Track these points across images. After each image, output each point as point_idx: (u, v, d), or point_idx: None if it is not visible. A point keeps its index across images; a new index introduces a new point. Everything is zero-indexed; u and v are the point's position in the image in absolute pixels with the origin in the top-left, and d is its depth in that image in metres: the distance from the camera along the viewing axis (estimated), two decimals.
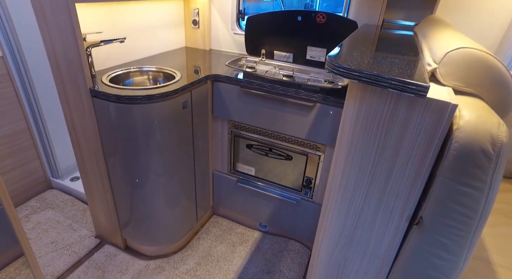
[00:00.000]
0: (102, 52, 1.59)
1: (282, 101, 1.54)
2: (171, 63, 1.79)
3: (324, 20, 1.74)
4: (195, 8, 2.04)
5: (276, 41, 1.90)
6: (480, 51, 0.72)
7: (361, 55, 0.89)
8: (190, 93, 1.54)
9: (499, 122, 0.67)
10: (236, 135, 1.83)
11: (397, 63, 0.83)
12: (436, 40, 0.91)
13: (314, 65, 1.86)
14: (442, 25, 1.18)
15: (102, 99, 1.36)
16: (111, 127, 1.42)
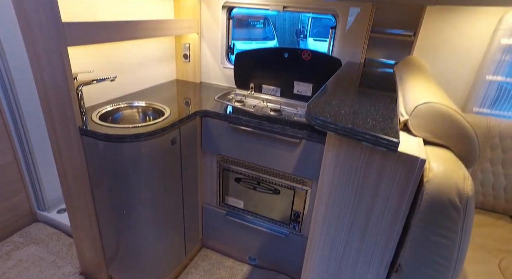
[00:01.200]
0: (93, 87, 1.63)
1: (269, 137, 1.58)
2: (161, 98, 1.83)
3: (310, 57, 1.82)
4: (186, 43, 2.12)
5: (264, 75, 1.97)
6: (445, 107, 0.77)
7: (339, 104, 0.94)
8: (178, 129, 1.58)
9: (465, 176, 0.70)
10: (225, 168, 1.85)
11: (372, 113, 0.88)
12: (409, 90, 0.97)
13: (301, 99, 1.93)
14: (417, 69, 1.25)
15: (91, 137, 1.38)
16: (99, 163, 1.43)
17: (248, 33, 7.09)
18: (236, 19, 6.49)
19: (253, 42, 6.96)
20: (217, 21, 2.02)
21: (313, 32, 7.56)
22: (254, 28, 7.21)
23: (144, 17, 1.83)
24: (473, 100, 1.60)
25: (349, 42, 1.78)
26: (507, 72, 1.51)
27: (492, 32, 1.48)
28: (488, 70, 1.51)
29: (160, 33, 1.76)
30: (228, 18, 2.02)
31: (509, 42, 1.45)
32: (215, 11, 1.99)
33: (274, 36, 7.32)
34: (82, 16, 1.48)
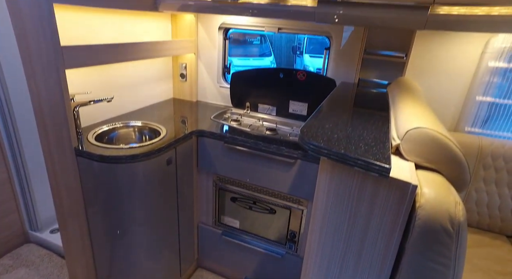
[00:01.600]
0: (89, 107, 1.64)
1: (265, 157, 1.59)
2: (158, 117, 1.85)
3: (305, 77, 1.85)
4: (182, 63, 2.15)
5: (260, 95, 2.00)
6: (435, 132, 0.79)
7: (332, 128, 0.95)
8: (174, 149, 1.58)
9: (456, 201, 0.71)
10: (220, 188, 1.84)
11: (365, 137, 0.90)
12: (401, 113, 0.99)
13: (296, 118, 1.95)
14: (409, 91, 1.28)
15: (87, 158, 1.38)
16: (94, 183, 1.43)
17: (245, 50, 7.19)
18: (233, 36, 6.60)
19: (250, 58, 7.05)
20: (214, 42, 2.06)
21: (309, 49, 7.69)
22: (251, 45, 7.31)
23: (143, 37, 1.87)
24: (465, 120, 1.63)
25: (343, 62, 1.82)
26: (496, 93, 1.54)
27: (480, 54, 1.53)
28: (478, 91, 1.55)
29: (158, 54, 1.80)
30: (224, 39, 2.07)
31: (496, 64, 1.49)
32: (212, 32, 2.04)
33: (270, 53, 7.43)
34: (81, 38, 1.51)
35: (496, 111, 1.58)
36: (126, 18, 1.73)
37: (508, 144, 1.51)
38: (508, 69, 1.49)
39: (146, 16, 1.85)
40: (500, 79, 1.52)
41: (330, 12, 1.37)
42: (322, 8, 1.37)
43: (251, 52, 7.29)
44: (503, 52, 1.47)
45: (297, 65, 8.44)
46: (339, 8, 1.35)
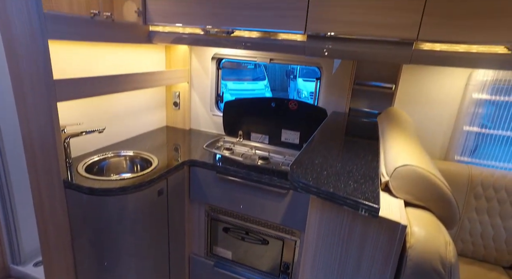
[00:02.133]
0: (81, 137, 1.63)
1: (257, 187, 1.58)
2: (150, 146, 1.84)
3: (296, 107, 1.88)
4: (176, 91, 2.18)
5: (252, 123, 2.01)
6: (423, 170, 0.80)
7: (322, 163, 0.96)
8: (166, 180, 1.57)
9: (446, 241, 0.71)
10: (213, 218, 1.81)
11: (354, 173, 0.90)
12: (390, 147, 1.00)
13: (289, 146, 1.96)
14: (398, 122, 1.30)
15: (75, 190, 1.36)
16: (82, 215, 1.40)
17: (239, 74, 7.31)
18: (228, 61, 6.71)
19: (244, 82, 7.16)
20: (207, 71, 2.10)
21: (302, 73, 7.87)
22: (245, 69, 7.45)
23: (138, 67, 1.90)
24: (454, 149, 1.65)
25: (334, 92, 1.86)
26: (481, 123, 1.58)
27: (464, 86, 1.58)
28: (464, 121, 1.59)
29: (152, 84, 1.82)
30: (217, 68, 2.11)
31: (480, 96, 1.54)
32: (205, 62, 2.09)
33: (264, 77, 7.56)
34: (76, 69, 1.52)
35: (483, 141, 1.61)
36: (122, 48, 1.76)
37: (496, 173, 1.52)
38: (491, 101, 1.54)
39: (141, 47, 1.90)
40: (485, 109, 1.57)
41: (319, 47, 1.41)
42: (312, 43, 1.42)
43: (245, 76, 7.41)
44: (485, 84, 1.52)
45: (291, 88, 8.59)
46: (328, 43, 1.40)
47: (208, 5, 1.51)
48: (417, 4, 1.21)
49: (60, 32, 1.24)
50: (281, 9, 1.39)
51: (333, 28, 1.35)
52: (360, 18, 1.29)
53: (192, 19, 1.57)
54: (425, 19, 1.21)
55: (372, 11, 1.27)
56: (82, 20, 1.31)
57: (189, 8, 1.55)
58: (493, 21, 1.12)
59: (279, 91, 9.81)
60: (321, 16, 1.35)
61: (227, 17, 1.49)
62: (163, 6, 1.61)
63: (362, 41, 1.35)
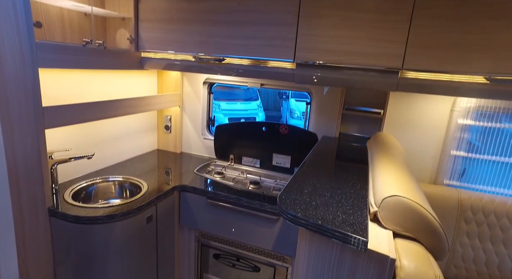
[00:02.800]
0: (70, 163, 1.61)
1: (248, 213, 1.56)
2: (141, 170, 1.82)
3: (287, 131, 1.90)
4: (167, 115, 2.18)
5: (243, 147, 2.02)
6: (411, 201, 0.80)
7: (311, 193, 0.96)
8: (155, 206, 1.54)
9: (436, 275, 0.70)
10: (203, 244, 1.77)
11: (343, 203, 0.90)
12: (379, 176, 1.01)
13: (280, 170, 1.96)
14: (387, 148, 1.32)
15: (61, 219, 1.32)
16: (67, 244, 1.35)
17: (232, 94, 7.38)
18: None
19: (237, 102, 7.21)
20: (199, 95, 2.12)
21: (295, 93, 7.99)
22: (238, 89, 7.54)
23: (130, 91, 1.91)
24: (443, 173, 1.67)
25: (324, 117, 1.88)
26: (468, 148, 1.61)
27: (449, 112, 1.62)
28: (451, 146, 1.62)
29: (143, 109, 1.82)
30: (209, 93, 2.13)
31: (465, 122, 1.58)
32: (197, 86, 2.11)
33: (257, 97, 7.64)
34: (67, 94, 1.52)
35: (471, 164, 1.64)
36: (114, 74, 1.78)
37: (485, 197, 1.54)
38: (475, 126, 1.58)
39: (134, 73, 1.92)
40: (471, 134, 1.60)
41: (308, 74, 1.45)
42: (301, 70, 1.45)
43: (238, 96, 7.47)
44: (469, 110, 1.57)
45: (284, 108, 8.68)
46: (317, 71, 1.43)
47: (199, 33, 1.55)
48: (401, 36, 1.26)
49: (51, 60, 1.25)
50: (270, 38, 1.43)
51: (321, 56, 1.39)
52: (347, 48, 1.34)
53: (183, 47, 1.61)
54: (409, 49, 1.26)
55: (359, 42, 1.32)
56: (73, 48, 1.33)
57: (180, 36, 1.59)
58: (472, 54, 1.17)
59: (272, 111, 9.91)
60: (309, 46, 1.39)
61: (218, 46, 1.53)
62: (155, 33, 1.64)
63: (350, 69, 1.39)
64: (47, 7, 1.40)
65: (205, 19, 1.53)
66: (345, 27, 1.32)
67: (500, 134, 1.56)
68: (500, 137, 1.56)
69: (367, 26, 1.29)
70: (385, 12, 1.26)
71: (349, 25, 1.32)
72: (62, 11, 1.48)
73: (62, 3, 1.37)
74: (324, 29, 1.35)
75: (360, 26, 1.30)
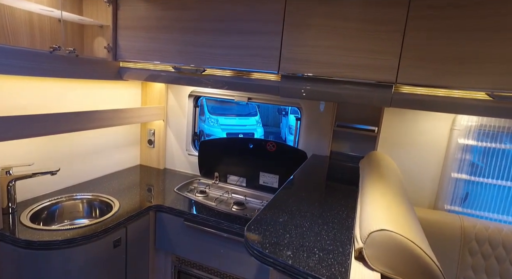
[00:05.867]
0: (36, 179, 1.47)
1: (229, 238, 1.41)
2: (116, 188, 1.68)
3: (275, 148, 1.77)
4: (151, 129, 2.06)
5: (229, 165, 1.88)
6: (402, 238, 0.66)
7: (287, 222, 0.82)
8: (125, 228, 1.39)
9: None
10: (180, 270, 1.61)
11: (323, 236, 0.76)
12: (367, 203, 0.87)
13: (267, 190, 1.81)
14: (380, 170, 1.18)
15: (10, 244, 1.17)
16: (17, 274, 1.19)
17: (231, 109, 7.32)
18: None
19: (236, 118, 7.14)
20: (184, 109, 2.01)
21: (294, 110, 7.92)
22: (237, 104, 7.49)
23: (113, 104, 1.80)
24: (443, 197, 1.52)
25: (315, 134, 1.76)
26: (470, 170, 1.47)
27: (449, 130, 1.49)
28: (452, 168, 1.48)
29: (123, 121, 1.70)
30: (194, 106, 2.02)
31: (466, 142, 1.45)
32: (182, 99, 2.00)
33: (256, 112, 7.58)
34: (39, 105, 1.41)
35: (474, 189, 1.49)
36: (95, 85, 1.67)
37: (491, 226, 1.38)
38: (477, 147, 1.45)
39: (117, 83, 1.81)
40: (472, 156, 1.46)
41: (295, 87, 1.33)
42: (287, 83, 1.34)
43: (237, 111, 7.42)
44: (470, 129, 1.44)
45: (283, 124, 8.60)
46: (305, 84, 1.32)
47: (179, 42, 1.45)
48: (395, 47, 1.15)
49: (6, 66, 1.13)
50: (253, 48, 1.32)
51: (309, 68, 1.27)
52: (337, 59, 1.23)
53: (163, 56, 1.50)
54: (403, 62, 1.15)
55: (350, 53, 1.20)
56: (36, 54, 1.22)
57: (160, 45, 1.49)
58: (472, 67, 1.06)
59: (271, 127, 9.84)
60: (295, 57, 1.28)
61: (198, 56, 1.42)
62: (134, 42, 1.54)
63: (341, 82, 1.27)
64: (12, 10, 1.31)
65: (186, 27, 1.43)
66: (335, 37, 1.22)
67: (505, 156, 1.43)
68: (506, 159, 1.43)
69: (358, 36, 1.19)
70: (378, 22, 1.15)
71: (339, 35, 1.21)
72: (31, 16, 1.38)
73: (27, 5, 1.27)
74: (312, 39, 1.25)
75: (350, 36, 1.20)
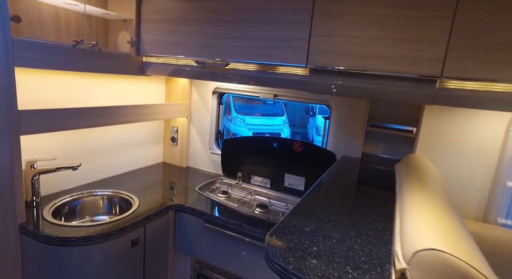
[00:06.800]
0: (59, 173, 1.47)
1: (251, 242, 1.32)
2: (137, 185, 1.65)
3: (301, 148, 1.66)
4: (174, 126, 2.03)
5: (253, 165, 1.79)
6: (458, 260, 0.54)
7: (313, 232, 0.71)
8: (143, 228, 1.35)
9: None
10: (199, 274, 1.55)
11: (356, 251, 0.65)
12: (408, 213, 0.74)
13: (293, 193, 1.70)
14: (421, 176, 1.04)
15: (31, 238, 1.16)
16: (38, 268, 1.18)
17: (258, 109, 7.27)
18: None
19: (263, 117, 7.09)
20: (207, 106, 1.95)
21: (322, 110, 7.71)
22: (264, 104, 7.42)
23: (137, 99, 1.78)
24: (496, 210, 1.33)
25: (345, 135, 1.63)
26: None
27: (504, 132, 1.30)
28: (508, 175, 1.29)
29: (145, 117, 1.67)
30: (218, 103, 1.96)
31: None
32: (206, 96, 1.94)
33: (283, 112, 7.48)
34: (62, 102, 1.41)
35: None
36: (119, 80, 1.65)
37: None
38: None
39: (141, 79, 1.79)
40: None
41: (325, 83, 1.22)
42: (315, 77, 1.23)
43: (264, 111, 7.37)
44: None
45: (310, 125, 8.42)
46: (335, 78, 1.20)
47: (202, 35, 1.38)
48: (441, 35, 1.00)
49: (31, 60, 1.12)
50: (279, 40, 1.23)
51: (341, 61, 1.16)
52: (373, 51, 1.10)
53: (185, 50, 1.44)
54: (451, 52, 1.00)
55: (388, 43, 1.07)
56: (60, 48, 1.20)
57: (183, 38, 1.43)
58: None
59: (298, 128, 9.67)
60: (325, 48, 1.17)
61: (221, 48, 1.35)
62: (156, 36, 1.50)
63: (377, 77, 1.14)
64: (38, 5, 1.30)
65: (209, 19, 1.36)
66: (370, 26, 1.09)
67: None
68: None
69: (397, 24, 1.05)
70: (421, 7, 1.02)
71: (375, 24, 1.08)
72: (57, 11, 1.38)
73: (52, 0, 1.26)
74: (345, 29, 1.13)
75: (389, 24, 1.06)
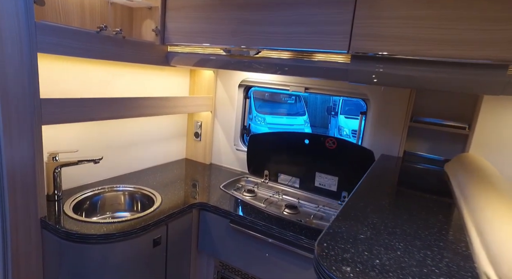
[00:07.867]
0: (82, 166, 1.41)
1: (279, 246, 1.21)
2: (160, 181, 1.58)
3: (335, 145, 1.53)
4: (198, 121, 1.95)
5: (281, 162, 1.68)
6: None
7: (371, 240, 0.59)
8: (166, 226, 1.27)
9: None
10: (223, 277, 1.45)
11: (430, 268, 0.52)
12: (488, 223, 0.61)
13: (324, 193, 1.58)
14: (486, 178, 0.89)
15: (52, 233, 1.11)
16: (59, 264, 1.12)
17: (279, 108, 7.16)
18: (268, 94, 6.61)
19: (284, 117, 6.98)
20: (233, 100, 1.86)
21: (344, 110, 7.48)
22: (285, 103, 7.30)
23: (160, 92, 1.72)
24: None
25: (384, 131, 1.48)
26: None
27: None
28: None
29: (167, 111, 1.60)
30: (244, 97, 1.86)
31: None
32: (231, 89, 1.85)
33: (305, 112, 7.33)
34: (82, 91, 1.35)
35: None
36: (142, 70, 1.59)
37: None
38: None
39: (165, 70, 1.72)
40: None
41: (367, 70, 1.09)
42: (357, 65, 1.10)
43: (285, 111, 7.27)
44: None
45: (332, 125, 8.21)
46: (378, 66, 1.07)
47: (231, 21, 1.28)
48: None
49: (54, 45, 1.06)
50: (317, 24, 1.10)
51: (387, 45, 1.02)
52: (428, 33, 0.96)
53: (213, 38, 1.34)
54: None
55: (446, 24, 0.93)
56: (83, 34, 1.14)
57: (210, 25, 1.34)
58: None
59: (319, 128, 9.46)
60: (371, 32, 1.03)
61: (252, 35, 1.24)
62: (182, 23, 1.41)
63: (428, 63, 1.00)
64: None
65: (239, 3, 1.25)
66: (426, 4, 0.95)
67: None
68: None
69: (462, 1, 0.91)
70: None
71: (432, 2, 0.94)
72: None
73: None
74: (394, 8, 0.99)
75: (450, 1, 0.92)
